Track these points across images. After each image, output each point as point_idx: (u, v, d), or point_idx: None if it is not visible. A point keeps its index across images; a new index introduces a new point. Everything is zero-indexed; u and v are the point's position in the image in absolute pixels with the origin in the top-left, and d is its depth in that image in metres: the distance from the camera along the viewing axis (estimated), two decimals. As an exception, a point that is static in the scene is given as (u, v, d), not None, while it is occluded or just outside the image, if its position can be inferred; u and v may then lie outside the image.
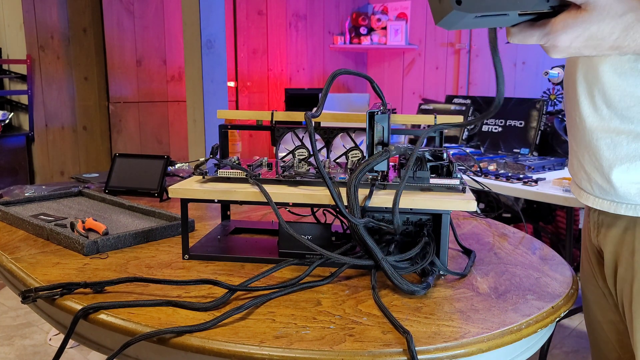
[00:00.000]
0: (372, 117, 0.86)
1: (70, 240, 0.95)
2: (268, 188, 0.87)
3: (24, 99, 3.48)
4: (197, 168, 0.94)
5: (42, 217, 1.11)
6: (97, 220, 1.04)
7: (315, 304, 0.74)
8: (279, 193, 0.87)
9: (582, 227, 0.96)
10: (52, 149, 3.58)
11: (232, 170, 0.92)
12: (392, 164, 0.99)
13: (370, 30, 4.62)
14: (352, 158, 0.98)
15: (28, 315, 2.58)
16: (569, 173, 0.89)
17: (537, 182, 2.02)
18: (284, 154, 1.04)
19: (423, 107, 3.13)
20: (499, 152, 2.61)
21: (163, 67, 3.90)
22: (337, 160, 1.03)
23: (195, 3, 2.87)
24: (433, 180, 0.87)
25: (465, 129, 2.76)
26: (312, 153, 0.98)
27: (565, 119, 0.86)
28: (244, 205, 1.28)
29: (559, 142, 2.49)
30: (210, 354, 0.64)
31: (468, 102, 2.89)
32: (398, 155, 0.91)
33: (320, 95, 0.89)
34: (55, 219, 1.10)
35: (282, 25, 4.39)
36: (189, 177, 0.97)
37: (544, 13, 0.63)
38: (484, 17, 0.61)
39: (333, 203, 0.83)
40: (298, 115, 1.02)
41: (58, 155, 3.61)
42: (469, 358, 0.65)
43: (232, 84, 4.12)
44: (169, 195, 0.91)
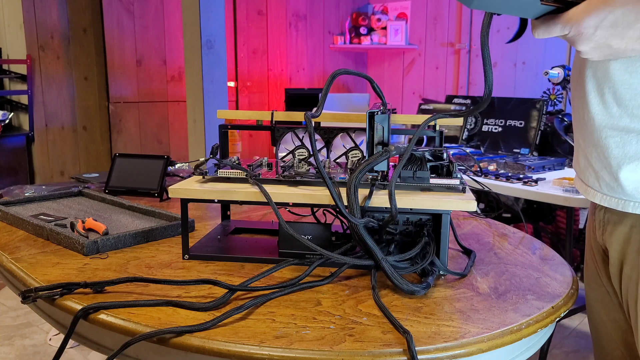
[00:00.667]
0: (372, 117, 0.86)
1: (70, 240, 0.95)
2: (268, 188, 0.87)
3: (24, 99, 3.48)
4: (197, 168, 0.94)
5: (42, 217, 1.11)
6: (97, 220, 1.04)
7: (315, 304, 0.74)
8: (279, 193, 0.87)
9: (585, 225, 0.96)
10: (52, 149, 3.57)
11: (232, 170, 0.92)
12: (392, 164, 0.99)
13: (370, 30, 4.62)
14: (352, 158, 0.98)
15: (28, 315, 2.58)
16: (574, 169, 0.89)
17: (537, 182, 2.02)
18: (284, 154, 1.04)
19: (423, 107, 3.13)
20: (499, 152, 2.61)
21: (163, 67, 3.90)
22: (337, 160, 1.03)
23: (195, 3, 2.87)
24: (433, 180, 0.87)
25: (465, 129, 2.76)
26: (312, 153, 0.98)
27: (572, 116, 0.86)
28: (244, 205, 1.28)
29: (559, 142, 2.49)
30: (210, 354, 0.64)
31: (468, 102, 2.89)
32: (398, 155, 0.90)
33: (320, 95, 0.89)
34: (55, 219, 1.10)
35: (282, 25, 4.39)
36: (189, 177, 0.97)
37: (567, 4, 0.62)
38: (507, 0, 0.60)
39: (333, 203, 0.83)
40: (298, 115, 1.02)
41: (58, 156, 3.61)
42: (469, 358, 0.65)
43: (232, 84, 4.12)
44: (169, 195, 0.91)
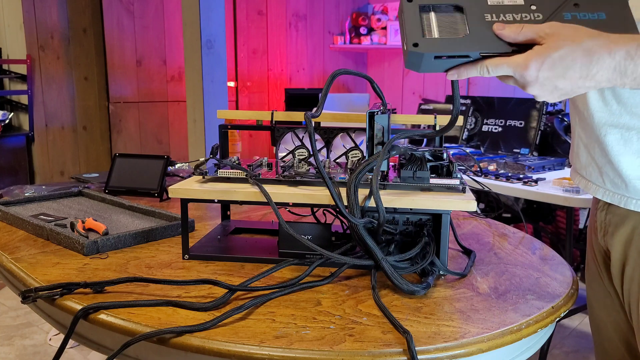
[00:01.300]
0: (372, 117, 0.86)
1: (70, 240, 0.95)
2: (268, 188, 0.87)
3: (24, 99, 3.48)
4: (197, 168, 0.94)
5: (42, 217, 1.11)
6: (97, 220, 1.04)
7: (315, 304, 0.74)
8: (279, 193, 0.87)
9: (586, 226, 0.96)
10: (52, 149, 3.57)
11: (232, 170, 0.92)
12: (392, 164, 0.99)
13: (370, 30, 4.61)
14: (352, 158, 0.98)
15: (28, 315, 2.58)
16: (573, 164, 0.88)
17: (537, 182, 2.02)
18: (284, 154, 1.04)
19: (423, 107, 3.13)
20: (499, 152, 2.61)
21: (163, 67, 3.90)
22: (337, 160, 1.03)
23: (195, 3, 2.87)
24: (433, 180, 0.87)
25: (465, 129, 2.76)
26: (312, 153, 0.98)
27: (570, 112, 0.87)
28: (244, 205, 1.28)
29: (559, 142, 2.49)
30: (210, 354, 0.64)
31: (468, 102, 2.89)
32: (398, 155, 0.91)
33: (320, 95, 0.89)
34: (55, 219, 1.10)
35: (282, 25, 4.39)
36: (189, 177, 0.97)
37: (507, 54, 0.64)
38: (448, 58, 0.64)
39: (333, 203, 0.83)
40: (298, 115, 1.02)
41: (58, 156, 3.61)
42: (469, 358, 0.65)
43: (232, 84, 4.12)
44: (169, 195, 0.91)
